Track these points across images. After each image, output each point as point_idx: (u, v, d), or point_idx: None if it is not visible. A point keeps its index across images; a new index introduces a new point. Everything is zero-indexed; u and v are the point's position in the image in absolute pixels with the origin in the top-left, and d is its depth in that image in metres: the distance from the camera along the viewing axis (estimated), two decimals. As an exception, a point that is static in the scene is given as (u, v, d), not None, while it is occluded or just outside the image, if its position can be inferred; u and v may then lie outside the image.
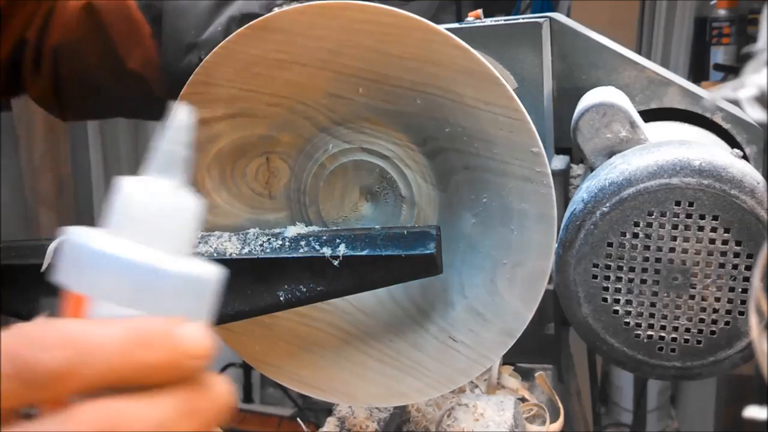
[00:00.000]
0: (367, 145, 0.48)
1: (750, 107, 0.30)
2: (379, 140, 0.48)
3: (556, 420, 0.65)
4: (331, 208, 0.50)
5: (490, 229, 0.46)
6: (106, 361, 0.22)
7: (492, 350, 0.47)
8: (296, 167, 0.50)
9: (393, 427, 0.59)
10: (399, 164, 0.48)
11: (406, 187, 0.48)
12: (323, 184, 0.50)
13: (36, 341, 0.22)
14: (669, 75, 0.68)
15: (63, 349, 0.22)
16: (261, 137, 0.49)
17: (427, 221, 0.48)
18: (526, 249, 0.45)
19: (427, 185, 0.48)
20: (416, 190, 0.48)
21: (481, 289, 0.47)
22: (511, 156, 0.44)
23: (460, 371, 0.48)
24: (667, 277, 0.52)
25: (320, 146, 0.49)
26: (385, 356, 0.50)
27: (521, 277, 0.45)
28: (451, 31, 0.43)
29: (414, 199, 0.48)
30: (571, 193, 0.69)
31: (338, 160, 0.49)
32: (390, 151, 0.48)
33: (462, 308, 0.47)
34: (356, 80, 0.46)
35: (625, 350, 0.54)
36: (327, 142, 0.49)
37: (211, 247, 0.45)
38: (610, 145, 0.57)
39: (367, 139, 0.48)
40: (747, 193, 0.49)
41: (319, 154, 0.49)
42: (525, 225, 0.45)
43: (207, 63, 0.48)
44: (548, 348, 0.72)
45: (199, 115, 0.49)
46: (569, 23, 0.69)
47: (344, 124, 0.48)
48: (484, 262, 0.46)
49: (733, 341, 0.52)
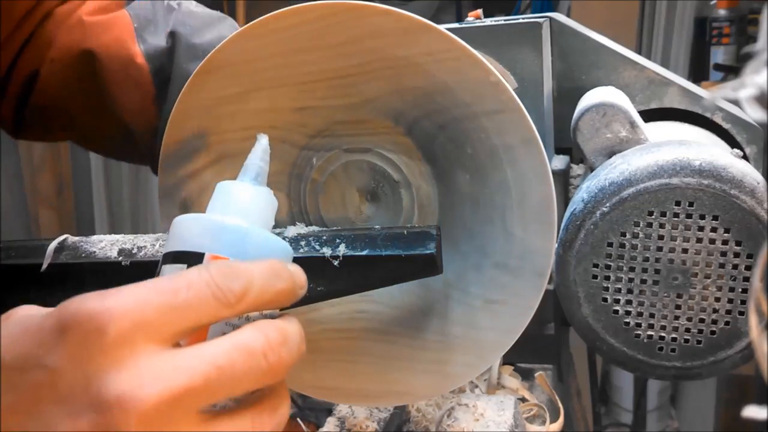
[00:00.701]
0: (347, 146, 0.48)
1: (750, 107, 0.30)
2: (356, 136, 0.48)
3: (556, 420, 0.65)
4: (335, 217, 0.50)
5: (484, 177, 0.45)
6: (261, 287, 0.31)
7: (529, 297, 0.46)
8: (291, 192, 0.50)
9: (393, 427, 0.59)
10: (382, 151, 0.48)
11: (396, 172, 0.48)
12: (321, 197, 0.50)
13: (224, 273, 0.30)
14: (669, 75, 0.68)
15: (240, 278, 0.30)
16: None
17: (427, 195, 0.48)
18: (524, 180, 0.44)
19: (414, 162, 0.48)
20: (407, 170, 0.48)
21: (499, 240, 0.46)
22: (473, 96, 0.43)
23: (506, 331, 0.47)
24: (667, 277, 0.52)
25: (305, 164, 0.49)
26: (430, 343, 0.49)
27: (530, 211, 0.44)
28: (451, 31, 0.43)
29: (408, 179, 0.48)
30: (571, 193, 0.69)
31: (326, 170, 0.49)
32: (369, 143, 0.48)
33: (488, 267, 0.46)
34: (310, 85, 0.46)
35: (625, 350, 0.54)
36: (310, 158, 0.49)
37: None
38: (610, 145, 0.57)
39: (346, 140, 0.48)
40: (747, 193, 0.49)
41: (307, 171, 0.49)
42: (514, 157, 0.44)
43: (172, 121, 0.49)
44: (548, 348, 0.72)
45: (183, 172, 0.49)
46: (569, 23, 0.69)
47: (320, 134, 0.48)
48: (492, 212, 0.46)
49: (733, 341, 0.52)
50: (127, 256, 0.45)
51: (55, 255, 0.47)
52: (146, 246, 0.46)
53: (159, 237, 0.46)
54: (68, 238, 0.48)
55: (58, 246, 0.47)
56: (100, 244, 0.47)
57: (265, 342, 0.30)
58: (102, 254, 0.46)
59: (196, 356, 0.28)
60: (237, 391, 0.30)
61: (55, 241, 0.48)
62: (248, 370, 0.29)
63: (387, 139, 0.47)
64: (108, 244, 0.47)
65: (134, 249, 0.46)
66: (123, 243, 0.46)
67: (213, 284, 0.30)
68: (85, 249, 0.47)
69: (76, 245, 0.47)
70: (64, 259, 0.47)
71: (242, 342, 0.30)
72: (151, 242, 0.46)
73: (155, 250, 0.45)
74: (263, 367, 0.30)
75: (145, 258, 0.45)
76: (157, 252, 0.45)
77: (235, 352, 0.29)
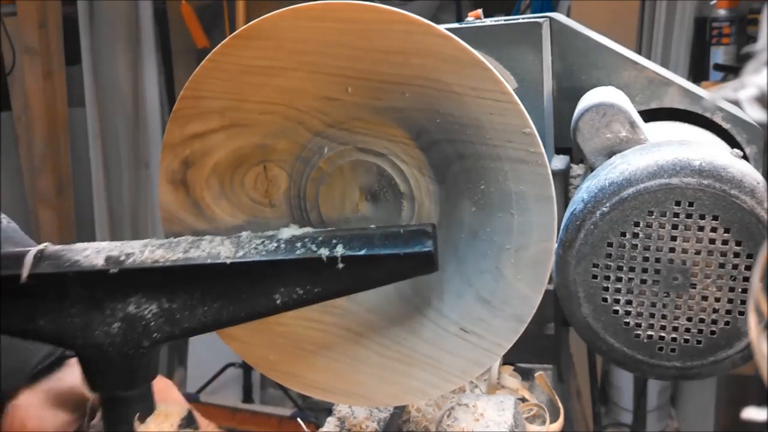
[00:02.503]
0: (362, 145, 0.48)
1: (750, 107, 0.30)
2: (373, 138, 0.48)
3: (556, 420, 0.65)
4: (332, 210, 0.50)
5: (490, 215, 0.46)
6: None
7: (504, 337, 0.46)
8: (294, 173, 0.50)
9: (393, 427, 0.59)
10: (395, 160, 0.48)
11: (404, 183, 0.48)
12: (322, 187, 0.49)
13: None
14: (669, 75, 0.68)
15: None
16: (257, 146, 0.49)
17: (428, 214, 0.48)
18: (528, 231, 0.45)
19: (424, 178, 0.48)
20: (414, 184, 0.48)
21: (487, 276, 0.47)
22: (503, 139, 0.44)
23: (473, 362, 0.48)
24: (667, 277, 0.52)
25: (316, 150, 0.49)
26: (398, 354, 0.49)
27: (526, 260, 0.45)
28: (451, 31, 0.43)
29: (413, 193, 0.48)
30: (571, 193, 0.69)
31: (335, 162, 0.49)
32: (385, 149, 0.48)
33: (470, 298, 0.47)
34: (344, 80, 0.46)
35: (625, 350, 0.54)
36: (322, 146, 0.49)
37: (204, 251, 0.45)
38: (610, 145, 0.57)
39: (362, 139, 0.48)
40: (747, 193, 0.49)
41: (315, 158, 0.49)
42: (524, 207, 0.45)
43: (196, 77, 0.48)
44: (548, 348, 0.72)
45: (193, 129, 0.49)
46: (569, 23, 0.69)
47: (337, 125, 0.48)
48: (488, 249, 0.46)
49: (733, 341, 0.52)
50: (114, 264, 0.44)
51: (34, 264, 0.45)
52: (134, 252, 0.44)
53: (147, 243, 0.45)
54: (48, 247, 0.46)
55: (37, 255, 0.45)
56: (84, 252, 0.45)
57: None
58: (87, 263, 0.44)
59: None
60: None
61: (35, 249, 0.45)
62: None
63: (403, 150, 0.48)
64: (93, 252, 0.45)
65: (122, 256, 0.44)
66: (110, 250, 0.45)
67: None
68: (69, 257, 0.45)
69: (59, 254, 0.45)
70: (46, 269, 0.44)
71: None
72: (140, 248, 0.45)
73: (144, 257, 0.44)
74: None
75: (134, 265, 0.44)
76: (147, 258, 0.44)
77: None
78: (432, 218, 0.48)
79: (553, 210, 0.44)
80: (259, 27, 0.45)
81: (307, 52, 0.45)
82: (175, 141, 0.50)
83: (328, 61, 0.45)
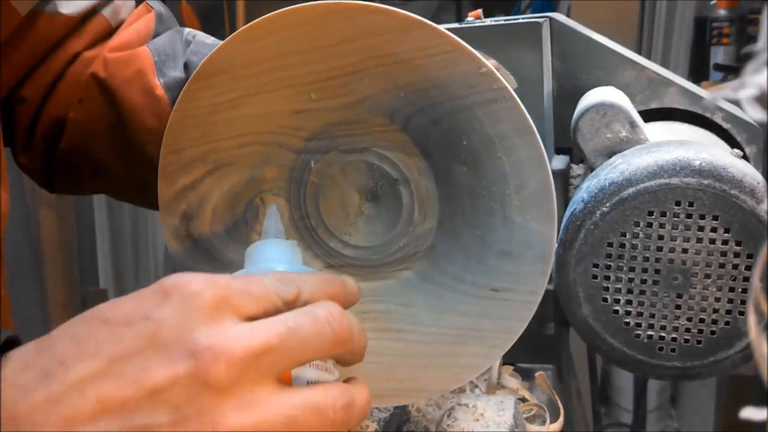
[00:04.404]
0: (343, 146, 0.48)
1: (750, 107, 0.30)
2: (352, 136, 0.48)
3: (556, 420, 0.65)
4: (337, 220, 0.50)
5: (481, 167, 0.45)
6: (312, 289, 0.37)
7: (534, 282, 0.45)
8: (291, 197, 0.50)
9: (393, 427, 0.59)
10: (378, 150, 0.48)
11: (394, 169, 0.48)
12: (321, 201, 0.49)
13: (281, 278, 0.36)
14: (669, 75, 0.68)
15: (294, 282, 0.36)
16: (247, 181, 0.49)
17: (427, 191, 0.48)
18: (521, 168, 0.44)
19: (412, 158, 0.48)
20: (404, 167, 0.48)
21: (499, 229, 0.46)
22: (465, 87, 0.43)
23: (515, 318, 0.46)
24: (667, 277, 0.52)
25: (303, 168, 0.49)
26: (439, 337, 0.49)
27: (528, 198, 0.44)
28: (451, 30, 0.43)
29: (406, 176, 0.48)
30: (571, 193, 0.69)
31: (324, 172, 0.49)
32: (365, 142, 0.48)
33: (491, 257, 0.46)
34: (305, 87, 0.45)
35: (625, 350, 0.54)
36: (308, 161, 0.49)
37: None
38: (610, 145, 0.57)
39: (342, 141, 0.48)
40: (747, 193, 0.49)
41: (306, 175, 0.49)
42: (509, 146, 0.44)
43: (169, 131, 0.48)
44: (548, 348, 0.72)
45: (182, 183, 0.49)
46: (569, 23, 0.69)
47: (316, 137, 0.48)
48: (491, 202, 0.46)
49: (733, 341, 0.52)
50: None
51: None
52: None
53: None
54: None
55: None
56: None
57: (328, 312, 0.35)
58: None
59: (270, 322, 0.33)
60: (307, 353, 0.34)
61: None
62: (316, 335, 0.34)
63: (383, 138, 0.47)
64: None
65: None
66: None
67: (275, 283, 0.35)
68: None
69: None
70: None
71: (308, 310, 0.35)
72: None
73: None
74: (329, 334, 0.34)
75: None
76: None
77: (302, 317, 0.34)
78: (431, 194, 0.48)
79: (537, 141, 0.43)
80: (211, 63, 0.46)
81: (262, 73, 0.45)
82: (169, 198, 0.50)
83: (285, 74, 0.45)
